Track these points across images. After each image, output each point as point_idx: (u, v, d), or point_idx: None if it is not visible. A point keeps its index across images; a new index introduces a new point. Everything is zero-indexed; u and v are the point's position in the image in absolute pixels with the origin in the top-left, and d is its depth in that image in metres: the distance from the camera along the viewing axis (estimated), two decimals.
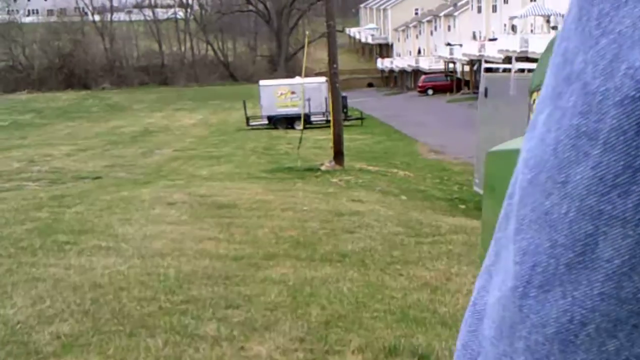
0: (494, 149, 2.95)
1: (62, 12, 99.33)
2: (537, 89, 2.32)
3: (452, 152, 24.96)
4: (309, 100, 39.26)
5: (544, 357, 0.40)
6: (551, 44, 2.15)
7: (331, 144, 18.53)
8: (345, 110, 42.21)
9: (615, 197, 0.37)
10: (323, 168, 17.18)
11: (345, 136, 33.97)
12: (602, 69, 0.38)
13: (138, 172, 18.74)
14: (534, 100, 2.43)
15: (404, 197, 14.46)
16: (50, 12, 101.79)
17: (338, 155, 17.83)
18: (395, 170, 19.40)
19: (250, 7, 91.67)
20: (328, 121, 41.30)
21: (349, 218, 9.94)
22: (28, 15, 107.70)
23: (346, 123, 41.46)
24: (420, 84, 66.78)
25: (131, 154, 24.83)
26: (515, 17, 46.00)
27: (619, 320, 0.37)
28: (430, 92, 64.50)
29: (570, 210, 0.38)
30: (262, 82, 41.50)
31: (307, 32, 22.23)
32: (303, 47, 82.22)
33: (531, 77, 3.16)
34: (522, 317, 0.41)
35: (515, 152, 0.45)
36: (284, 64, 76.40)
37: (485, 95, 14.39)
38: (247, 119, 39.00)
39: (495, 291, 0.44)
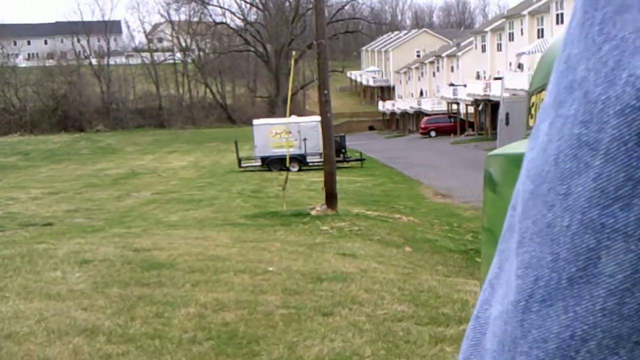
0: (494, 152, 2.78)
1: (63, 55, 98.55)
2: (536, 91, 2.15)
3: (460, 196, 22.46)
4: (305, 140, 37.06)
5: None
6: (550, 46, 2.03)
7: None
8: (343, 150, 40.06)
9: (617, 210, 0.36)
10: (313, 213, 14.66)
11: (344, 178, 31.67)
12: (603, 77, 0.37)
13: (100, 217, 16.25)
14: (533, 103, 2.23)
15: (408, 249, 11.90)
16: (50, 56, 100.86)
17: (330, 198, 15.32)
18: (397, 216, 16.83)
19: (249, 48, 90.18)
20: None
21: (330, 286, 7.39)
22: (28, 59, 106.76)
23: (345, 165, 39.50)
24: (422, 126, 64.76)
25: (104, 197, 22.41)
26: (522, 53, 43.94)
27: (621, 336, 0.36)
28: (433, 134, 62.42)
29: (572, 223, 0.38)
30: (256, 121, 39.22)
31: (293, 52, 19.80)
32: (303, 87, 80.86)
33: (530, 81, 2.54)
34: (524, 332, 0.40)
35: (517, 156, 0.47)
36: (283, 105, 74.28)
37: (507, 122, 11.85)
38: (239, 160, 36.66)
39: (497, 305, 0.44)
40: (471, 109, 59.68)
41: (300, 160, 36.81)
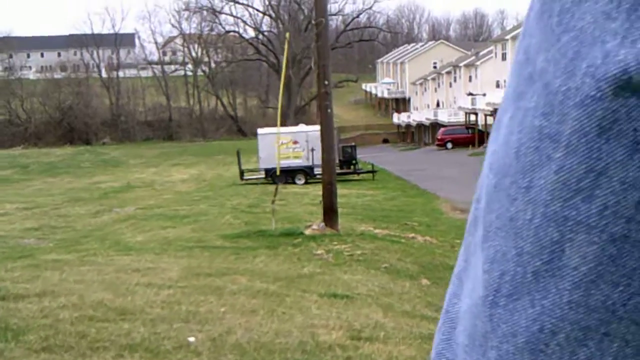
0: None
1: (76, 68, 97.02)
2: None
3: None
4: (312, 150, 34.35)
5: None
6: None
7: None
8: (354, 161, 37.39)
9: (580, 202, 0.36)
10: (307, 232, 11.95)
11: (353, 191, 28.91)
12: (563, 68, 0.37)
13: (58, 237, 13.68)
14: None
15: (425, 281, 9.14)
16: (63, 68, 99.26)
17: (329, 214, 12.63)
18: (411, 235, 14.08)
19: (261, 57, 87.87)
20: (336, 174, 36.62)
21: None
22: (41, 71, 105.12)
23: (355, 177, 36.83)
24: (439, 137, 62.07)
25: (81, 213, 19.96)
26: None
27: (589, 328, 0.36)
28: (449, 145, 59.69)
29: (535, 217, 0.37)
30: (260, 130, 36.63)
31: (287, 34, 17.05)
32: (314, 98, 78.42)
33: None
34: (493, 327, 0.40)
35: None
36: (294, 117, 71.88)
37: None
38: (242, 172, 34.07)
39: (466, 298, 0.44)
40: (490, 120, 57.01)
41: (307, 172, 34.20)
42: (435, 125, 70.14)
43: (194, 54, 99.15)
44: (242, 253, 10.19)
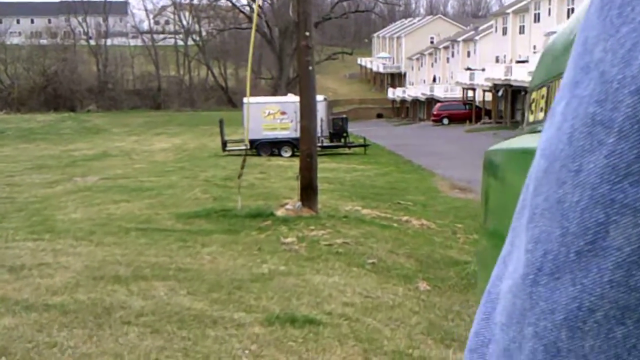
0: (494, 147, 2.66)
1: (67, 35, 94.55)
2: (537, 87, 2.10)
3: None
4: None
5: (552, 343, 0.39)
6: (552, 42, 1.95)
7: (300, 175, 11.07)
8: (345, 134, 35.31)
9: (627, 185, 0.36)
10: (279, 213, 9.83)
11: (342, 166, 26.74)
12: (620, 58, 0.37)
13: None
14: (533, 99, 2.18)
15: (424, 285, 6.97)
16: (53, 35, 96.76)
17: (307, 192, 10.50)
18: (405, 218, 11.94)
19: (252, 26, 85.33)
20: (324, 147, 34.40)
21: None
22: (31, 37, 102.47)
23: (346, 151, 34.80)
24: (435, 112, 59.98)
25: (34, 183, 17.78)
26: (553, 32, 38.87)
27: (628, 307, 0.37)
28: (445, 121, 57.62)
29: (582, 199, 0.38)
30: (246, 100, 34.33)
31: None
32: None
33: (531, 77, 2.30)
34: (532, 304, 0.41)
35: (516, 152, 0.47)
36: (285, 88, 69.54)
37: None
38: (224, 143, 31.95)
39: (508, 280, 0.44)
40: (488, 96, 55.05)
41: (294, 145, 31.98)
42: (431, 101, 68.23)
43: (185, 23, 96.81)
44: (191, 239, 8.13)
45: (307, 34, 10.60)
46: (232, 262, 7.01)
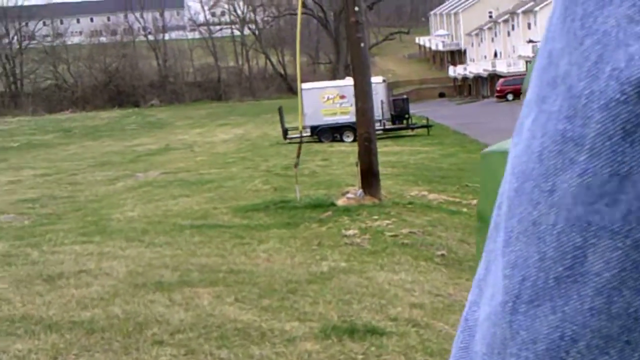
0: (488, 149, 2.72)
1: (127, 31, 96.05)
2: None
3: None
4: None
5: None
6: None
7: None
8: (407, 116, 34.65)
9: (603, 206, 0.35)
10: (340, 203, 9.38)
11: (406, 148, 26.15)
12: (586, 71, 0.37)
13: (42, 212, 11.46)
14: None
15: None
16: (113, 32, 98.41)
17: (368, 178, 10.01)
18: (474, 202, 11.37)
19: (307, 11, 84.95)
20: (386, 130, 33.82)
21: None
22: (91, 36, 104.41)
23: (409, 132, 34.14)
24: (498, 88, 58.68)
25: (96, 180, 17.79)
26: None
27: (611, 336, 0.36)
28: (510, 97, 56.16)
29: (558, 221, 0.37)
30: (304, 85, 33.88)
31: None
32: (371, 47, 75.71)
33: (525, 79, 2.40)
34: (512, 333, 0.39)
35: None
36: (344, 71, 68.99)
37: None
38: (285, 130, 31.62)
39: (485, 306, 0.43)
40: None
41: (355, 129, 31.52)
42: (494, 77, 66.98)
43: (239, 12, 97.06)
44: (248, 236, 7.76)
45: (357, 9, 10.11)
46: (289, 261, 6.61)
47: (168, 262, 6.69)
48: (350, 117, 32.05)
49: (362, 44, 10.29)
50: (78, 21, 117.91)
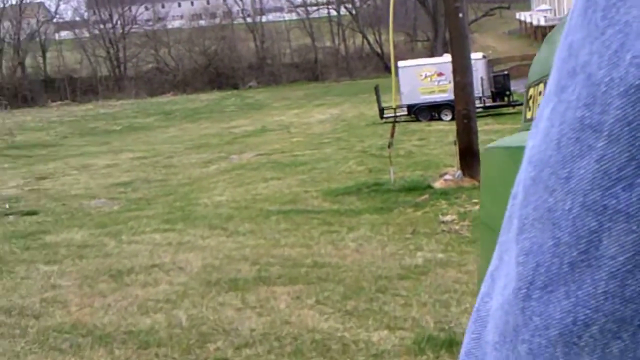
0: (492, 145, 2.57)
1: (227, 14, 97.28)
2: (534, 83, 2.09)
3: None
4: None
5: None
6: (548, 38, 1.97)
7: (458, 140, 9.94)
8: (508, 92, 33.38)
9: (620, 190, 0.36)
10: (437, 185, 8.81)
11: (507, 127, 25.13)
12: (607, 59, 0.37)
13: (133, 196, 11.34)
14: (531, 96, 2.17)
15: None
16: (212, 15, 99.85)
17: (467, 158, 9.40)
18: None
19: None
20: (486, 108, 32.67)
21: None
22: (192, 19, 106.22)
23: (511, 110, 32.86)
24: None
25: (191, 163, 17.73)
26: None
27: (624, 320, 0.36)
28: None
29: (574, 206, 0.37)
30: (401, 63, 33.14)
31: None
32: (471, 22, 73.98)
33: (529, 73, 2.24)
34: (525, 320, 0.39)
35: (514, 149, 0.46)
36: (442, 49, 67.52)
37: None
38: (381, 110, 30.99)
39: (498, 296, 0.43)
40: None
41: (454, 107, 30.58)
42: None
43: None
44: (337, 222, 7.29)
45: None
46: (379, 251, 6.09)
47: (248, 254, 6.28)
48: (448, 95, 31.11)
49: (460, 14, 9.65)
50: (179, 5, 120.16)
